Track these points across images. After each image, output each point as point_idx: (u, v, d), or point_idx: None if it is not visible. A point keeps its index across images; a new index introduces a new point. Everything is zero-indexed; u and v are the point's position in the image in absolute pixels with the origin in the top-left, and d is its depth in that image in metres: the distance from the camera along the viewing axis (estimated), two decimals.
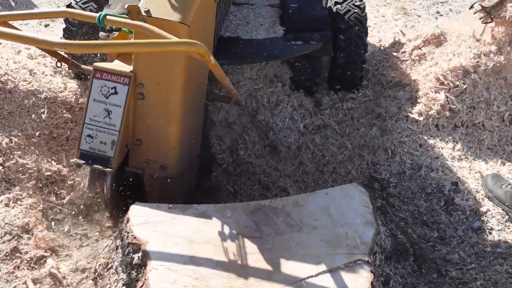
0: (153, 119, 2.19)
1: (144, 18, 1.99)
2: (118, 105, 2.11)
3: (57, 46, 1.66)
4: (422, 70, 3.36)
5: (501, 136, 3.14)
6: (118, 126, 2.11)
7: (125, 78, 2.11)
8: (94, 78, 2.11)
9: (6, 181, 2.68)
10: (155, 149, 2.24)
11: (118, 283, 1.93)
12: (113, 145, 2.12)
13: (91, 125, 2.13)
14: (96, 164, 2.13)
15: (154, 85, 2.13)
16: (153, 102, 2.16)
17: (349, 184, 2.23)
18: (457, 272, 2.30)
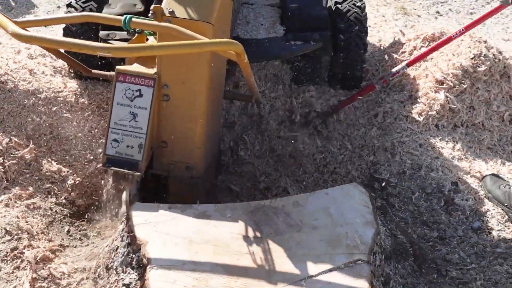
0: (179, 120, 2.18)
1: (169, 19, 1.97)
2: (143, 108, 2.09)
3: (101, 51, 1.67)
4: (422, 70, 3.36)
5: (501, 136, 3.14)
6: (145, 129, 2.09)
7: (149, 80, 2.08)
8: (117, 82, 2.08)
9: (6, 181, 2.68)
10: (180, 150, 2.22)
11: (118, 283, 1.93)
12: (141, 148, 2.09)
13: (117, 129, 2.10)
14: (123, 169, 2.09)
15: (179, 85, 2.12)
16: (178, 102, 2.15)
17: (349, 184, 2.23)
18: (457, 272, 2.30)
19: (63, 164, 2.87)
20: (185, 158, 2.24)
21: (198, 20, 1.99)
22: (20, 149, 2.82)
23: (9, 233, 2.34)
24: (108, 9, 3.05)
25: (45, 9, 4.75)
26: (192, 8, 2.00)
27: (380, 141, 3.08)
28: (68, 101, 3.09)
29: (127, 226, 1.99)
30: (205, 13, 2.00)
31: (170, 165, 2.25)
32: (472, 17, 4.63)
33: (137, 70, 2.11)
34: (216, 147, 2.58)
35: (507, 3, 2.71)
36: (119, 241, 2.03)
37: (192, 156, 2.24)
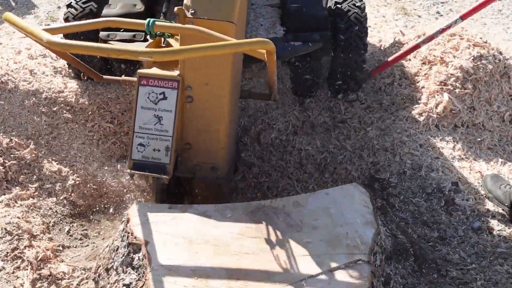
0: (203, 121, 2.17)
1: (192, 20, 1.97)
2: (168, 110, 2.07)
3: (143, 55, 1.66)
4: (422, 70, 3.36)
5: (501, 136, 3.14)
6: (171, 132, 2.07)
7: (173, 82, 2.07)
8: (139, 85, 2.07)
9: (6, 181, 2.69)
10: (205, 151, 2.21)
11: (118, 283, 1.93)
12: (167, 151, 2.08)
13: (142, 133, 2.08)
14: (151, 173, 2.07)
15: (203, 86, 2.11)
16: (202, 103, 2.14)
17: (349, 184, 2.23)
18: (457, 272, 2.30)
19: (63, 164, 2.87)
20: (210, 159, 2.23)
21: (221, 20, 1.98)
22: (21, 149, 2.82)
23: (10, 233, 2.34)
24: (108, 9, 3.04)
25: (45, 9, 4.75)
26: (214, 8, 1.99)
27: (380, 141, 3.08)
28: (69, 101, 3.10)
29: (127, 227, 1.99)
30: (227, 13, 2.00)
31: (195, 166, 2.23)
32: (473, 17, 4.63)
33: (160, 73, 2.09)
34: (234, 146, 2.59)
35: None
36: (120, 241, 2.03)
37: (216, 157, 2.23)
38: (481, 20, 4.56)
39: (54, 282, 2.22)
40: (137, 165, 2.08)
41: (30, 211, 2.56)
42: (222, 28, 1.95)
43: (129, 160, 2.09)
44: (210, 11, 1.98)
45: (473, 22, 4.51)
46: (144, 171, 2.08)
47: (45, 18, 4.61)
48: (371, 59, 3.65)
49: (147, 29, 1.91)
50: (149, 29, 1.91)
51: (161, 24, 1.94)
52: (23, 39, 4.16)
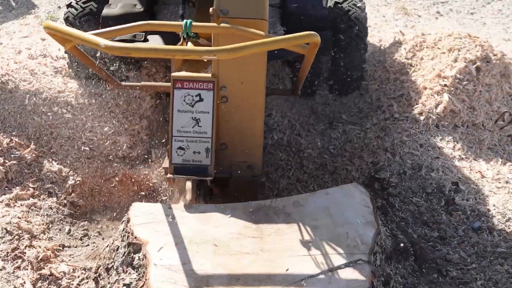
0: (238, 120, 2.17)
1: (225, 20, 1.98)
2: (206, 112, 2.07)
3: (206, 54, 1.68)
4: (422, 70, 3.36)
5: (501, 136, 3.14)
6: (210, 133, 2.07)
7: (209, 83, 2.06)
8: (174, 89, 2.06)
9: (7, 181, 2.69)
10: (241, 150, 2.22)
11: (118, 283, 1.93)
12: (208, 152, 2.08)
13: (180, 137, 2.07)
14: (194, 175, 2.08)
15: (238, 85, 2.11)
16: (238, 103, 2.14)
17: (350, 184, 2.23)
18: (457, 272, 2.30)
19: (63, 164, 2.87)
20: (246, 157, 2.23)
21: (254, 18, 1.99)
22: (21, 149, 2.82)
23: (10, 233, 2.34)
24: (108, 9, 3.05)
25: (45, 9, 4.76)
26: (246, 7, 2.00)
27: (380, 141, 3.08)
28: (69, 101, 3.10)
29: (127, 226, 1.99)
30: (259, 10, 2.01)
31: (232, 166, 2.23)
32: (473, 17, 4.64)
33: (194, 75, 2.09)
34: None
35: None
36: (120, 241, 2.03)
37: (253, 155, 2.23)
38: (481, 20, 4.57)
39: (55, 281, 2.22)
40: (178, 169, 2.07)
41: (30, 211, 2.57)
42: (255, 26, 1.97)
43: (170, 164, 2.07)
44: (242, 10, 2.00)
45: (473, 21, 4.52)
46: (185, 175, 2.07)
47: (45, 18, 4.61)
48: (371, 59, 3.66)
49: (185, 30, 1.91)
50: (186, 30, 1.92)
51: (199, 25, 1.94)
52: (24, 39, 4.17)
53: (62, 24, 1.88)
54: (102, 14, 3.02)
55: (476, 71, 3.19)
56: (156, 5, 3.19)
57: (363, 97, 3.46)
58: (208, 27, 1.97)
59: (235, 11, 1.99)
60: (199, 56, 1.72)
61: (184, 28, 1.91)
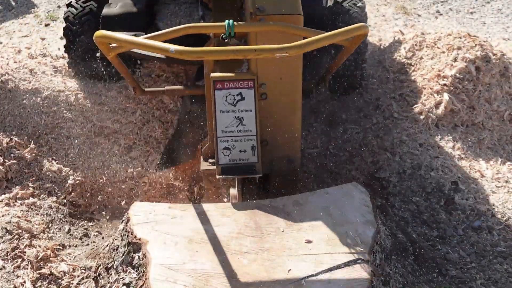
0: (277, 116, 2.19)
1: (262, 18, 2.00)
2: (248, 110, 2.08)
3: (279, 52, 1.70)
4: (422, 69, 3.36)
5: (501, 135, 3.14)
6: (254, 130, 2.08)
7: (249, 81, 2.07)
8: (215, 90, 2.07)
9: (6, 181, 2.69)
10: (281, 145, 2.24)
11: (118, 282, 1.93)
12: (254, 150, 2.08)
13: (225, 137, 2.08)
14: (242, 174, 2.09)
15: (276, 81, 2.14)
16: (277, 99, 2.17)
17: (349, 184, 2.23)
18: (457, 271, 2.30)
19: (63, 164, 2.88)
20: (286, 152, 2.25)
21: (290, 13, 2.02)
22: (21, 149, 2.82)
23: (10, 233, 2.34)
24: (108, 8, 3.05)
25: (45, 9, 4.76)
26: (281, 3, 2.02)
27: (380, 140, 3.08)
28: (69, 100, 3.10)
29: (127, 226, 1.99)
30: (294, 6, 2.04)
31: (272, 161, 2.25)
32: (472, 16, 4.64)
33: (234, 75, 2.10)
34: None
35: None
36: (120, 241, 2.03)
37: (292, 148, 2.26)
38: (481, 19, 4.57)
39: (54, 281, 2.22)
40: (225, 170, 2.08)
41: (30, 210, 2.57)
42: (292, 21, 2.01)
43: (217, 165, 2.08)
44: (278, 7, 2.02)
45: (473, 21, 4.52)
46: (233, 174, 2.08)
47: (45, 17, 4.61)
48: (370, 58, 3.66)
49: (228, 30, 1.92)
50: (229, 30, 1.92)
51: (242, 25, 1.96)
52: (23, 39, 4.17)
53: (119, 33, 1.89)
54: (102, 13, 3.02)
55: (475, 70, 3.19)
56: (157, 4, 3.20)
57: (363, 96, 3.46)
58: (251, 26, 1.99)
59: (271, 8, 2.02)
60: (271, 54, 1.72)
61: (227, 28, 1.92)
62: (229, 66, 2.18)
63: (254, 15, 2.00)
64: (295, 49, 1.72)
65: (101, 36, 1.85)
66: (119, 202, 2.89)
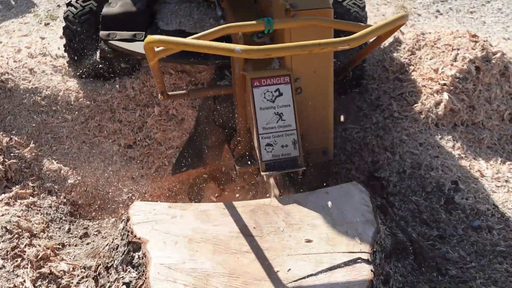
0: (312, 109, 2.23)
1: (296, 13, 2.05)
2: (287, 105, 2.12)
3: (341, 45, 1.74)
4: (422, 69, 3.36)
5: (501, 135, 3.14)
6: (294, 125, 2.12)
7: (285, 77, 2.12)
8: (253, 88, 2.10)
9: (6, 180, 2.69)
10: (316, 137, 2.28)
11: (118, 282, 1.93)
12: (295, 144, 2.12)
13: (267, 134, 2.11)
14: (285, 169, 2.11)
15: (310, 75, 2.18)
16: (311, 92, 2.21)
17: (349, 183, 2.23)
18: (457, 271, 2.30)
19: (63, 163, 2.88)
20: (321, 144, 2.30)
21: (322, 8, 2.07)
22: (21, 148, 2.82)
23: (10, 232, 2.34)
24: (108, 8, 3.04)
25: (45, 8, 4.75)
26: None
27: (380, 140, 3.08)
28: (68, 100, 3.09)
29: (127, 225, 1.99)
30: (324, 0, 2.09)
31: (309, 154, 2.28)
32: (472, 16, 4.64)
33: (270, 72, 2.14)
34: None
35: None
36: (119, 240, 2.04)
37: (327, 140, 2.31)
38: (481, 19, 4.56)
39: (54, 280, 2.22)
40: (269, 166, 2.10)
41: (30, 209, 2.57)
42: (324, 15, 2.06)
43: (261, 162, 2.10)
44: (310, 2, 2.07)
45: (473, 20, 4.52)
46: (278, 170, 2.11)
47: (44, 16, 4.61)
48: (370, 58, 3.66)
49: (267, 27, 1.97)
50: (269, 27, 1.97)
51: (281, 21, 2.01)
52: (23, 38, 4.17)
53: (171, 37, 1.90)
54: (102, 13, 3.02)
55: (475, 70, 3.19)
56: (156, 4, 3.19)
57: (363, 96, 3.46)
58: (289, 23, 2.03)
59: (303, 4, 2.07)
60: (335, 47, 1.76)
61: (266, 26, 1.97)
62: (259, 63, 2.21)
63: (288, 11, 2.06)
64: (355, 41, 1.76)
65: (154, 41, 1.86)
66: (119, 202, 2.89)
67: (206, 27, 3.06)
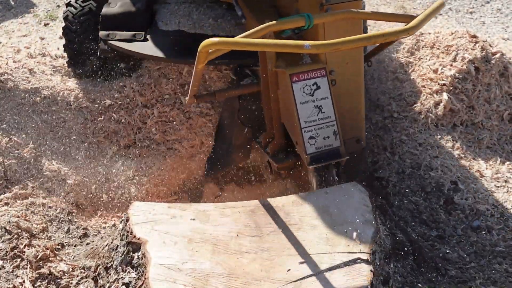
0: (346, 100, 2.29)
1: (329, 7, 2.12)
2: (325, 98, 2.18)
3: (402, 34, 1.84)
4: (421, 69, 3.36)
5: (500, 135, 3.14)
6: (333, 116, 2.18)
7: (321, 70, 2.18)
8: (292, 83, 2.15)
9: (6, 180, 2.69)
10: (350, 127, 2.33)
11: (118, 282, 1.93)
12: (336, 134, 2.18)
13: (309, 127, 2.16)
14: (329, 161, 2.17)
15: (343, 67, 2.26)
16: (345, 83, 2.28)
17: (349, 183, 2.23)
18: (456, 271, 2.30)
19: (62, 163, 2.87)
20: (355, 133, 2.37)
21: (353, 0, 2.14)
22: (20, 148, 2.82)
23: (9, 232, 2.34)
24: (107, 8, 3.04)
25: (44, 8, 4.75)
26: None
27: (380, 140, 3.08)
28: (68, 100, 3.09)
29: (126, 225, 1.99)
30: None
31: (344, 143, 2.31)
32: (472, 16, 4.64)
33: (307, 66, 2.20)
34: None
35: None
36: (119, 240, 2.03)
37: (359, 129, 2.39)
38: (480, 19, 4.56)
39: (54, 280, 2.22)
40: (314, 158, 2.16)
41: (29, 210, 2.56)
42: (355, 7, 2.14)
43: (305, 156, 2.15)
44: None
45: (472, 20, 4.52)
46: (322, 162, 2.16)
47: (44, 17, 4.61)
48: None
49: (307, 23, 2.03)
50: (309, 23, 2.03)
51: (321, 16, 2.08)
52: (22, 38, 4.17)
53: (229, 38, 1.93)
54: (102, 13, 3.02)
55: (475, 70, 3.19)
56: (156, 4, 3.19)
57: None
58: (328, 16, 2.09)
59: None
60: (397, 37, 1.87)
61: (307, 21, 2.03)
62: (292, 59, 2.26)
63: (322, 6, 2.12)
64: (413, 29, 1.85)
65: (213, 44, 1.88)
66: (118, 202, 2.89)
67: (205, 27, 3.06)
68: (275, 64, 2.26)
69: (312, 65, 2.20)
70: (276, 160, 2.40)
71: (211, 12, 3.14)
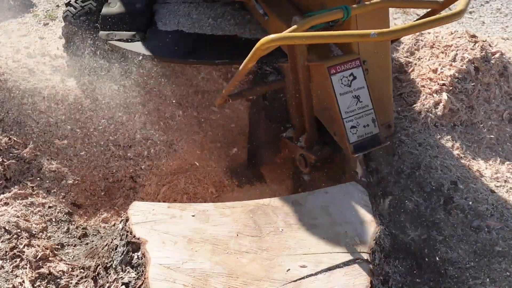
0: (377, 87, 2.34)
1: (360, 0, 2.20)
2: (361, 87, 2.23)
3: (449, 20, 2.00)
4: (421, 69, 3.36)
5: (500, 135, 3.14)
6: (370, 104, 2.24)
7: (355, 61, 2.24)
8: (330, 76, 2.20)
9: (5, 180, 2.68)
10: (381, 113, 2.37)
11: (117, 282, 1.93)
12: (374, 122, 2.24)
13: (349, 117, 2.22)
14: (370, 148, 2.23)
15: (374, 56, 2.33)
16: (375, 71, 2.34)
17: (349, 183, 2.23)
18: (456, 271, 2.30)
19: (62, 164, 2.87)
20: (385, 119, 2.43)
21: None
22: (20, 148, 2.82)
23: (9, 232, 2.34)
24: (107, 8, 3.04)
25: (44, 8, 4.75)
26: None
27: None
28: (68, 100, 3.09)
29: (126, 225, 1.99)
30: None
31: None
32: (471, 16, 4.64)
33: (342, 58, 2.25)
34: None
35: None
36: (119, 240, 2.03)
37: (389, 115, 2.46)
38: (480, 19, 4.57)
39: (53, 280, 2.22)
40: (356, 147, 2.21)
41: (29, 210, 2.56)
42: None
43: (348, 145, 2.19)
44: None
45: (472, 20, 4.52)
46: (365, 150, 2.22)
47: (43, 16, 4.60)
48: None
49: (346, 14, 2.11)
50: (346, 14, 2.11)
51: (359, 6, 2.14)
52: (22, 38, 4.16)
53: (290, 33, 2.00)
54: (101, 12, 3.02)
55: (474, 70, 3.19)
56: (156, 4, 3.19)
57: None
58: (364, 7, 2.15)
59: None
60: (449, 21, 2.03)
61: (345, 12, 2.11)
62: (322, 52, 2.33)
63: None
64: (462, 13, 2.00)
65: (274, 40, 1.94)
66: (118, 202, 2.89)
67: (204, 26, 3.06)
68: (306, 57, 2.29)
69: (347, 56, 2.25)
70: (312, 152, 2.43)
71: (210, 12, 3.15)
